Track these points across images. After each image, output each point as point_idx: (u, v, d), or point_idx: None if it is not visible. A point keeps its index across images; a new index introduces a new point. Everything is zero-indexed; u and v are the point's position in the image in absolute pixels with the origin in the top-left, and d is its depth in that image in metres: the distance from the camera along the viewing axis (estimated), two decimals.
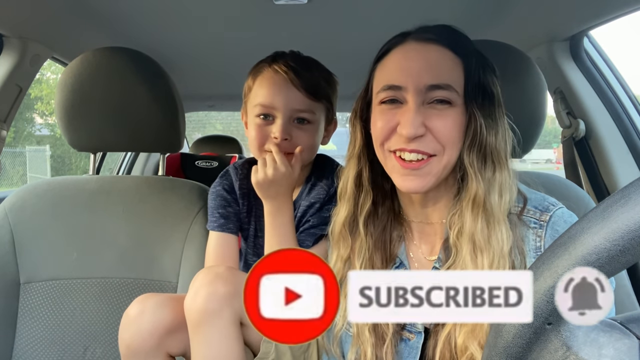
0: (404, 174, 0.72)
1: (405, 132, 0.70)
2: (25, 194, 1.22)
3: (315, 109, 1.01)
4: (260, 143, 1.00)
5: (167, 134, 1.24)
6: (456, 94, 0.71)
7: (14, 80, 1.34)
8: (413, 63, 0.73)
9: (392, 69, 0.75)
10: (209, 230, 1.05)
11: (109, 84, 1.18)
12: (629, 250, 0.34)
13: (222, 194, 1.08)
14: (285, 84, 0.98)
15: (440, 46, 0.73)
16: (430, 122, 0.70)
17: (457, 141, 0.72)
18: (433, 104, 0.71)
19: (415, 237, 0.81)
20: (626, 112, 1.34)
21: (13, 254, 1.17)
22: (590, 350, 0.38)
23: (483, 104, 0.72)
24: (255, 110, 1.01)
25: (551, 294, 0.37)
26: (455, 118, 0.71)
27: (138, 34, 1.57)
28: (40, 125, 11.06)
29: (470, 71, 0.72)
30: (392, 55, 0.76)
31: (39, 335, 1.15)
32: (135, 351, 0.89)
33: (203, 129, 9.05)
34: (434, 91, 0.71)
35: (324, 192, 1.04)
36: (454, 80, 0.72)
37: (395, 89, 0.72)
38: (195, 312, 0.83)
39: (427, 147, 0.71)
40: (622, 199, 0.35)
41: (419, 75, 0.71)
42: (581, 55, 1.36)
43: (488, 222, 0.70)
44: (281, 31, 1.55)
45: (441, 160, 0.72)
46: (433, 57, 0.73)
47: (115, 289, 1.17)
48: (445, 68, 0.72)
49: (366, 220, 0.79)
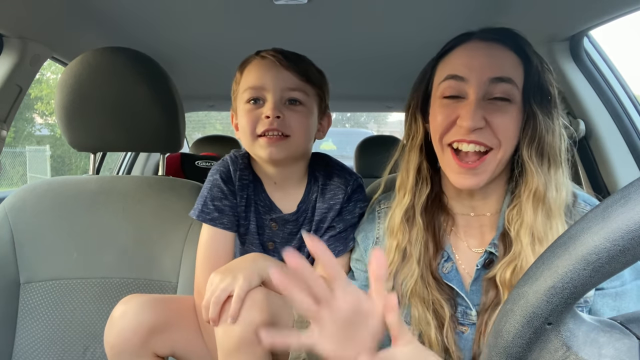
0: (459, 172, 0.76)
1: (465, 124, 0.74)
2: (25, 194, 1.22)
3: (307, 91, 0.97)
4: (252, 127, 0.95)
5: (167, 134, 1.24)
6: (517, 89, 0.75)
7: (14, 80, 1.34)
8: (477, 59, 0.77)
9: (456, 63, 0.79)
10: (199, 220, 1.00)
11: (109, 84, 1.18)
12: (629, 250, 0.34)
13: (219, 184, 1.01)
14: (273, 66, 0.96)
15: (503, 45, 0.77)
16: (490, 116, 0.74)
17: (513, 137, 0.76)
18: (493, 100, 0.75)
19: (460, 230, 0.84)
20: (626, 112, 1.34)
21: (13, 254, 1.17)
22: (590, 350, 0.38)
23: (542, 103, 0.76)
24: (245, 96, 0.97)
25: (551, 294, 0.37)
26: (514, 114, 0.75)
27: (138, 34, 1.57)
28: (40, 125, 11.04)
29: (530, 71, 0.76)
30: (456, 51, 0.80)
31: (39, 335, 1.15)
32: (119, 351, 0.88)
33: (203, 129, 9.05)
34: (496, 84, 0.74)
35: (342, 192, 1.00)
36: (515, 77, 0.75)
37: (458, 79, 0.76)
38: (231, 342, 0.79)
39: (485, 139, 0.74)
40: (622, 199, 0.35)
41: (482, 69, 0.75)
42: (581, 55, 1.36)
43: (547, 215, 0.74)
44: (281, 31, 1.55)
45: (497, 155, 0.75)
46: (497, 54, 0.77)
47: (115, 289, 1.17)
48: (507, 65, 0.76)
49: (422, 210, 0.83)
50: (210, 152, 3.04)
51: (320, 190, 1.02)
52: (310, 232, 1.02)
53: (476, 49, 0.78)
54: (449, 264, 0.81)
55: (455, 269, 0.81)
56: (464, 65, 0.77)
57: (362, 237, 0.95)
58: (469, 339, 0.77)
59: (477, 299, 0.78)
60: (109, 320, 0.90)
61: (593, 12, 1.16)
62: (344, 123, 20.48)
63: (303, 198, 1.03)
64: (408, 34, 1.59)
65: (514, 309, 0.39)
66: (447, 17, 1.42)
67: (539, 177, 0.74)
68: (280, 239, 1.05)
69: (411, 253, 0.81)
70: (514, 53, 0.77)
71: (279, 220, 1.03)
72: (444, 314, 0.77)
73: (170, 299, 0.99)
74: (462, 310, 0.79)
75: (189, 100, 2.53)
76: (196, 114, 3.88)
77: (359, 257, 0.94)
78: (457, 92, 0.77)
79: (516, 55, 0.77)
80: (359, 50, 1.82)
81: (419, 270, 0.79)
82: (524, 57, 0.77)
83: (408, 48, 1.73)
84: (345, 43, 1.71)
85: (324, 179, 1.03)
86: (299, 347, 0.86)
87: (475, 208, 0.83)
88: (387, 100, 2.88)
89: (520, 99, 0.76)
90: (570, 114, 1.39)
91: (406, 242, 0.82)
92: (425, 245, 0.81)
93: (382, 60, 1.96)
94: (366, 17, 1.44)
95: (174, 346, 0.91)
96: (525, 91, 0.76)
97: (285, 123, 0.94)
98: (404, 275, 0.80)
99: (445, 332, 0.76)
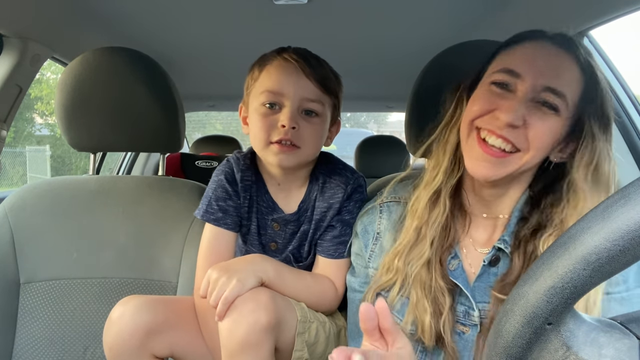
0: (478, 159, 0.74)
1: (504, 117, 0.71)
2: (25, 194, 1.22)
3: (324, 102, 0.97)
4: (266, 134, 0.93)
5: (167, 134, 1.24)
6: (565, 105, 0.72)
7: (14, 80, 1.34)
8: (539, 60, 0.74)
9: (517, 56, 0.76)
10: (203, 220, 1.01)
11: (108, 84, 1.18)
12: (629, 250, 0.34)
13: (223, 184, 1.01)
14: (296, 72, 0.94)
15: (571, 56, 0.74)
16: (530, 118, 0.72)
17: (545, 147, 0.73)
18: (539, 104, 0.73)
19: (471, 229, 0.83)
20: (626, 112, 1.34)
21: (13, 254, 1.17)
22: (590, 350, 0.38)
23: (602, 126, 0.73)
24: (261, 98, 0.94)
25: (551, 294, 0.37)
26: (555, 126, 0.73)
27: (138, 34, 1.57)
28: (40, 125, 11.04)
29: (589, 90, 0.74)
30: (522, 46, 0.77)
31: (39, 335, 1.15)
32: (118, 353, 0.88)
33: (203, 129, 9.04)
34: (547, 93, 0.72)
35: (342, 191, 1.00)
36: (571, 93, 0.73)
37: (512, 75, 0.74)
38: (235, 343, 0.79)
39: (515, 139, 0.72)
40: (622, 199, 0.35)
41: (540, 73, 0.73)
42: None
43: None
44: (281, 31, 1.55)
45: (522, 158, 0.73)
46: (560, 64, 0.74)
47: (115, 289, 1.17)
48: (568, 79, 0.73)
49: (451, 193, 0.82)
50: (210, 152, 3.04)
51: (320, 189, 1.02)
52: (310, 231, 1.02)
53: (541, 50, 0.75)
54: (456, 261, 0.81)
55: (462, 267, 0.81)
56: (523, 63, 0.74)
57: (362, 231, 0.94)
58: (469, 340, 0.77)
59: (480, 296, 0.78)
60: (107, 322, 0.90)
61: (593, 12, 1.16)
62: (344, 123, 20.47)
63: (304, 198, 1.03)
64: (408, 34, 1.59)
65: (514, 309, 0.39)
66: (448, 17, 1.42)
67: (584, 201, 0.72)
68: (282, 240, 1.05)
69: (426, 234, 0.80)
70: (579, 68, 0.74)
71: (281, 220, 1.03)
72: (444, 302, 0.76)
73: (169, 299, 0.99)
74: (465, 310, 0.78)
75: (189, 100, 2.53)
76: (196, 114, 3.88)
77: (358, 251, 0.95)
78: (507, 82, 0.75)
79: (580, 71, 0.74)
80: (359, 50, 1.82)
81: (430, 253, 0.79)
82: (586, 74, 0.74)
83: (408, 48, 1.73)
84: (345, 43, 1.71)
85: (325, 177, 1.02)
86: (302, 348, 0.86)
87: (489, 207, 0.82)
88: (387, 100, 2.88)
89: (570, 115, 0.73)
90: None
91: (424, 222, 0.81)
92: (443, 229, 0.81)
93: (382, 60, 1.96)
94: (366, 17, 1.44)
95: (173, 347, 0.91)
96: (580, 108, 0.73)
97: (300, 134, 0.93)
98: (413, 256, 0.80)
99: (442, 321, 0.76)
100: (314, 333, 0.91)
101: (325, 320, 0.96)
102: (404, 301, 0.81)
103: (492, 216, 0.82)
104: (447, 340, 0.76)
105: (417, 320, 0.78)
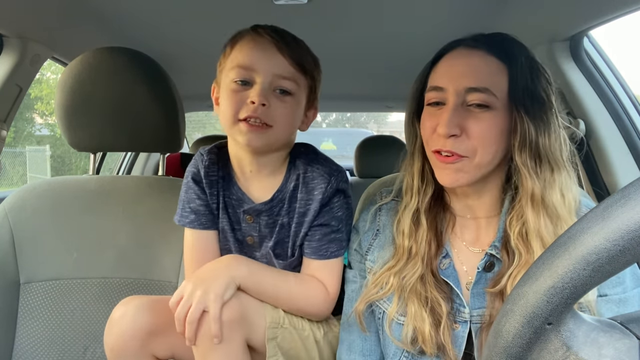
0: (441, 168, 0.79)
1: (441, 130, 0.76)
2: (25, 194, 1.22)
3: (299, 81, 0.91)
4: (234, 110, 0.87)
5: (167, 134, 1.24)
6: (495, 98, 0.75)
7: (14, 80, 1.34)
8: (456, 67, 0.79)
9: (439, 73, 0.81)
10: (181, 225, 0.99)
11: (109, 84, 1.18)
12: (629, 250, 0.34)
13: (191, 185, 0.98)
14: (269, 47, 0.88)
15: (485, 52, 0.78)
16: (466, 123, 0.75)
17: (492, 143, 0.76)
18: (471, 107, 0.76)
19: (458, 229, 0.86)
20: (626, 112, 1.34)
21: (13, 254, 1.17)
22: (590, 350, 0.38)
23: (532, 108, 0.75)
24: (232, 74, 0.89)
25: (551, 294, 0.37)
26: (492, 121, 0.75)
27: (138, 33, 1.57)
28: (40, 125, 11.04)
29: (515, 77, 0.76)
30: (441, 61, 0.82)
31: (39, 335, 1.15)
32: (119, 353, 0.88)
33: (203, 129, 9.03)
34: (472, 94, 0.75)
35: (325, 181, 0.94)
36: (495, 85, 0.75)
37: (439, 90, 0.79)
38: (206, 339, 0.82)
39: (459, 148, 0.75)
40: (622, 199, 0.35)
41: (459, 78, 0.77)
42: (581, 55, 1.36)
43: (551, 218, 0.74)
44: None
45: (472, 162, 0.76)
46: (475, 62, 0.77)
47: (115, 289, 1.17)
48: (486, 73, 0.76)
49: (426, 210, 0.85)
50: None
51: (302, 180, 0.96)
52: (292, 226, 0.97)
53: (457, 58, 0.80)
54: (447, 260, 0.83)
55: (453, 266, 0.83)
56: (443, 76, 0.80)
57: (362, 227, 0.95)
58: (459, 336, 0.79)
59: (478, 302, 0.79)
60: (108, 322, 0.90)
61: (593, 12, 1.16)
62: (344, 123, 20.47)
63: (280, 187, 0.97)
64: (408, 34, 1.59)
65: (514, 309, 0.39)
66: (448, 17, 1.42)
67: (533, 180, 0.74)
68: (258, 232, 1.00)
69: (417, 252, 0.83)
70: (498, 59, 0.77)
71: (252, 211, 0.98)
72: (441, 311, 0.78)
73: (168, 300, 0.99)
74: (456, 307, 0.80)
75: (189, 100, 2.53)
76: (196, 114, 3.88)
77: (357, 247, 0.94)
78: (439, 99, 0.79)
79: (499, 61, 0.77)
80: (359, 50, 1.82)
81: (422, 269, 0.81)
82: (508, 63, 0.76)
83: (408, 48, 1.74)
84: (345, 43, 1.71)
85: (305, 166, 0.96)
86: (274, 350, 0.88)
87: (472, 209, 0.85)
88: (387, 100, 2.89)
89: (504, 104, 0.76)
90: (570, 114, 1.39)
91: (412, 241, 0.84)
92: (429, 244, 0.83)
93: (382, 60, 1.96)
94: (366, 17, 1.44)
95: (173, 348, 0.91)
96: (511, 96, 0.75)
97: (270, 112, 0.87)
98: (406, 272, 0.82)
99: (442, 329, 0.77)
100: (288, 339, 0.91)
101: (304, 327, 0.95)
102: (402, 312, 0.83)
103: (476, 217, 0.85)
104: (448, 349, 0.77)
105: (417, 330, 0.79)
